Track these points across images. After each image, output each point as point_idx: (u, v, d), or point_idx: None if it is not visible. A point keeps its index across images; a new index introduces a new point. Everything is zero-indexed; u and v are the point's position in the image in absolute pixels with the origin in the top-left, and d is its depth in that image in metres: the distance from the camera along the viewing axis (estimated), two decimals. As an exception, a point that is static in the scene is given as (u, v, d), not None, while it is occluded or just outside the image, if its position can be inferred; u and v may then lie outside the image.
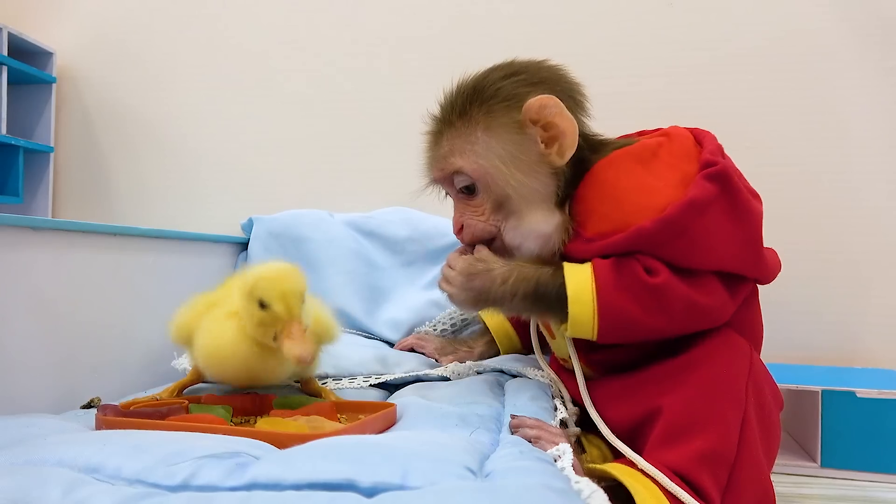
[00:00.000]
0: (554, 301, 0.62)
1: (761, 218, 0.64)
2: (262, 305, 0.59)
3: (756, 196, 0.66)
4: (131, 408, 0.62)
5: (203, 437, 0.49)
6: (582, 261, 0.64)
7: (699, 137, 0.68)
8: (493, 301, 0.65)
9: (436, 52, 1.23)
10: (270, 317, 0.59)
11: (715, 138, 0.68)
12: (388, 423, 0.59)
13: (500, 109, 0.64)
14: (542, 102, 0.63)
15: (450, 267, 0.68)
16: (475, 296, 0.65)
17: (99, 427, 0.57)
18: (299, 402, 0.65)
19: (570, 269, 0.62)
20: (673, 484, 0.53)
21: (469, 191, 0.67)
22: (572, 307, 0.61)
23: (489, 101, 0.65)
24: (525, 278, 0.63)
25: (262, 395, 0.67)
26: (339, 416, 0.64)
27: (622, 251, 0.61)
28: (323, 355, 0.82)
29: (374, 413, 0.60)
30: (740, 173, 0.65)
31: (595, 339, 0.61)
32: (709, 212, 0.59)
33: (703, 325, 0.62)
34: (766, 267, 0.65)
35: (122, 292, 0.81)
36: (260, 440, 0.48)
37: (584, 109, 0.69)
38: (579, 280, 0.61)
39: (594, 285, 0.60)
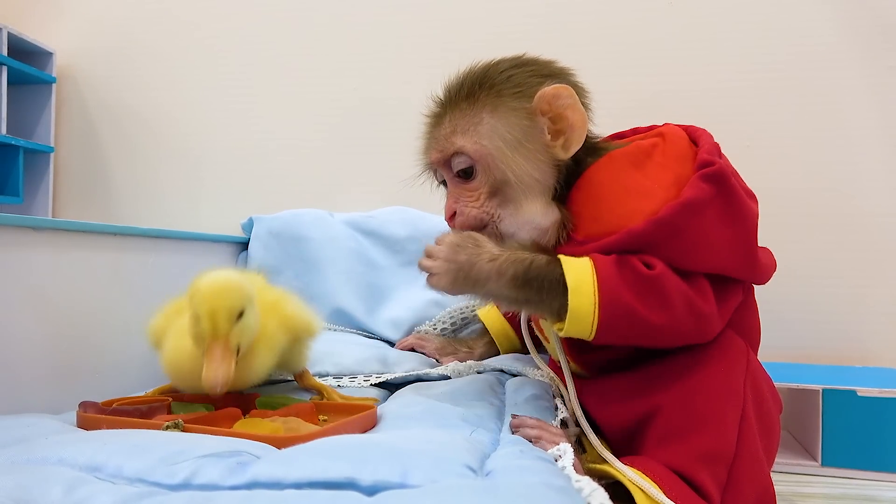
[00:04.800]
0: (547, 290, 0.58)
1: (757, 219, 0.63)
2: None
3: (752, 196, 0.65)
4: (113, 405, 0.62)
5: (203, 436, 0.49)
6: None
7: (694, 136, 0.67)
8: (475, 280, 0.59)
9: (436, 52, 1.23)
10: (202, 332, 0.58)
11: (711, 136, 0.67)
12: (367, 425, 0.59)
13: (510, 95, 0.63)
14: (557, 91, 0.62)
15: (436, 243, 0.63)
16: (456, 271, 0.60)
17: (79, 424, 0.57)
18: (281, 403, 0.64)
19: (567, 259, 0.59)
20: (660, 493, 0.53)
21: (466, 174, 0.65)
22: (573, 299, 0.57)
23: (498, 85, 0.64)
24: (518, 260, 0.59)
25: (245, 394, 0.67)
26: (319, 416, 0.64)
27: (614, 252, 0.60)
28: (324, 355, 0.82)
29: (354, 414, 0.59)
30: (736, 173, 0.64)
31: (591, 336, 0.58)
32: (704, 213, 0.58)
33: (697, 333, 0.60)
34: (760, 268, 0.64)
35: (122, 292, 0.81)
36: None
37: (589, 111, 0.68)
38: (579, 271, 0.58)
39: (595, 276, 0.57)
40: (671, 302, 0.57)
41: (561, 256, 0.60)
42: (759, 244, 0.66)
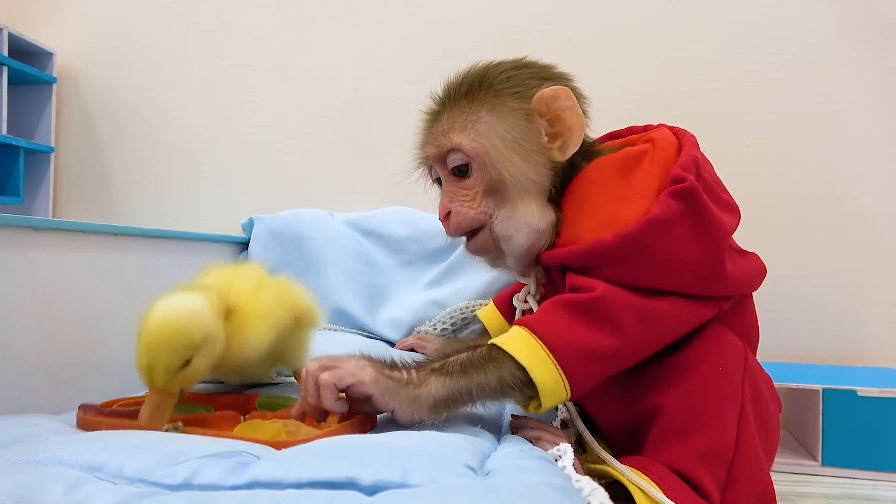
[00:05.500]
0: (498, 377, 0.55)
1: (730, 233, 0.62)
2: None
3: (732, 209, 0.64)
4: (113, 406, 0.62)
5: (204, 436, 0.49)
6: (553, 266, 0.63)
7: (682, 142, 0.66)
8: (417, 388, 0.54)
9: (437, 52, 1.23)
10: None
11: (695, 145, 0.66)
12: (367, 426, 0.59)
13: (509, 95, 0.63)
14: (556, 93, 0.62)
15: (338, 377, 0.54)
16: (388, 384, 0.54)
17: (79, 426, 0.57)
18: (281, 403, 0.64)
19: (500, 341, 0.56)
20: (660, 493, 0.53)
21: (462, 172, 0.64)
22: (534, 371, 0.53)
23: (498, 85, 0.64)
24: (453, 360, 0.56)
25: (245, 395, 0.66)
26: None
27: (581, 263, 0.59)
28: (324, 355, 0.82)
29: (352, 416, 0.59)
30: (717, 183, 0.63)
31: (570, 395, 0.55)
32: (672, 230, 0.58)
33: (676, 333, 0.60)
34: (731, 283, 0.62)
35: (122, 292, 0.81)
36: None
37: (587, 116, 0.68)
38: (516, 343, 0.55)
39: (535, 339, 0.55)
40: (622, 321, 0.56)
41: (492, 342, 0.57)
42: (755, 246, 0.66)
